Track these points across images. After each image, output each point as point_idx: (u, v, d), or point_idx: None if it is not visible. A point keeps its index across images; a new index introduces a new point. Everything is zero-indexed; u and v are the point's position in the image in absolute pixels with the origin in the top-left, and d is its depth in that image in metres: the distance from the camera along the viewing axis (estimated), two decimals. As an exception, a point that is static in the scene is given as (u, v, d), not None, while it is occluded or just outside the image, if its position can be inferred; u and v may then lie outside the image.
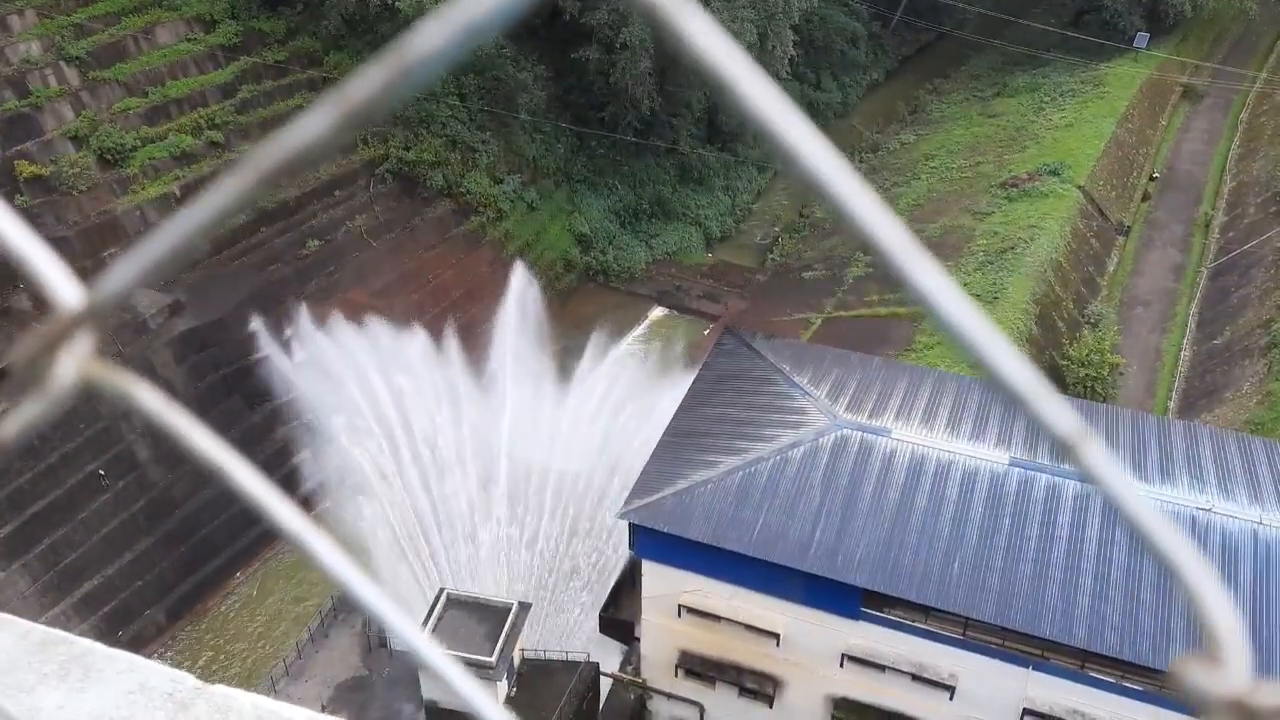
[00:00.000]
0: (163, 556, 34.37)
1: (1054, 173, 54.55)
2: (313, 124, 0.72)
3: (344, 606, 32.69)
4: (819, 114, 69.10)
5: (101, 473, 33.16)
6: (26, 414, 0.86)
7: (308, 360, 37.68)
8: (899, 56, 79.26)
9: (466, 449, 36.15)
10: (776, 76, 59.11)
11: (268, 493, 0.98)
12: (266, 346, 37.85)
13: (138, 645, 32.81)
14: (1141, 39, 70.36)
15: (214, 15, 44.02)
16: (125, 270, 0.78)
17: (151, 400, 0.92)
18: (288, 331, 38.47)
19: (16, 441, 0.87)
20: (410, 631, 1.02)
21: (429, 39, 0.67)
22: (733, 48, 0.68)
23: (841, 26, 70.85)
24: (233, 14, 44.55)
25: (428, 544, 34.53)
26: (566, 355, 40.20)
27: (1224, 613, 0.71)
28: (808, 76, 68.14)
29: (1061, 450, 0.73)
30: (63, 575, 31.92)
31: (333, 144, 0.72)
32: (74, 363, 0.84)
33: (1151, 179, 61.15)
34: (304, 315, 38.77)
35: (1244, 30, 79.77)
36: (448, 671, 0.95)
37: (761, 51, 53.06)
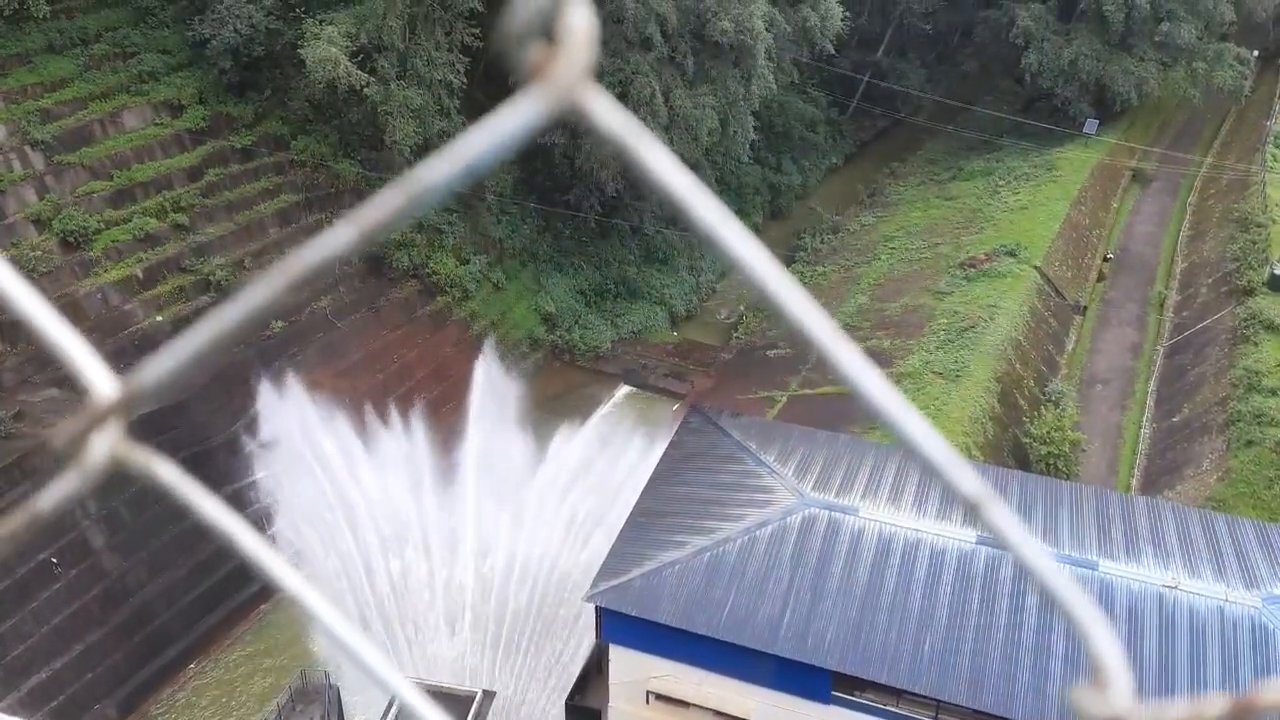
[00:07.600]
0: (115, 648, 33.37)
1: (1011, 254, 55.93)
2: (335, 239, 0.85)
3: (301, 698, 31.81)
4: (780, 195, 70.64)
5: (54, 561, 32.34)
6: (63, 488, 0.96)
7: (270, 442, 37.30)
8: (857, 141, 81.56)
9: (430, 531, 35.73)
10: (738, 160, 60.61)
11: (269, 554, 1.09)
12: (228, 429, 37.43)
13: (87, 740, 31.69)
14: (1091, 125, 73.06)
15: (182, 100, 44.42)
16: (158, 366, 0.89)
17: (170, 473, 1.03)
18: (250, 413, 38.13)
19: (52, 514, 0.96)
20: (395, 680, 1.12)
21: (435, 172, 0.81)
22: (685, 173, 0.82)
23: (800, 113, 72.97)
24: (200, 99, 44.98)
25: (386, 630, 33.87)
26: (532, 434, 40.06)
27: (1108, 646, 0.83)
28: (768, 160, 69.85)
29: (969, 511, 0.85)
30: (9, 669, 30.84)
31: (351, 255, 0.85)
32: (106, 444, 0.95)
33: (1105, 259, 62.85)
34: (267, 396, 38.49)
35: (1189, 117, 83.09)
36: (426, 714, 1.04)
37: (724, 136, 54.35)
